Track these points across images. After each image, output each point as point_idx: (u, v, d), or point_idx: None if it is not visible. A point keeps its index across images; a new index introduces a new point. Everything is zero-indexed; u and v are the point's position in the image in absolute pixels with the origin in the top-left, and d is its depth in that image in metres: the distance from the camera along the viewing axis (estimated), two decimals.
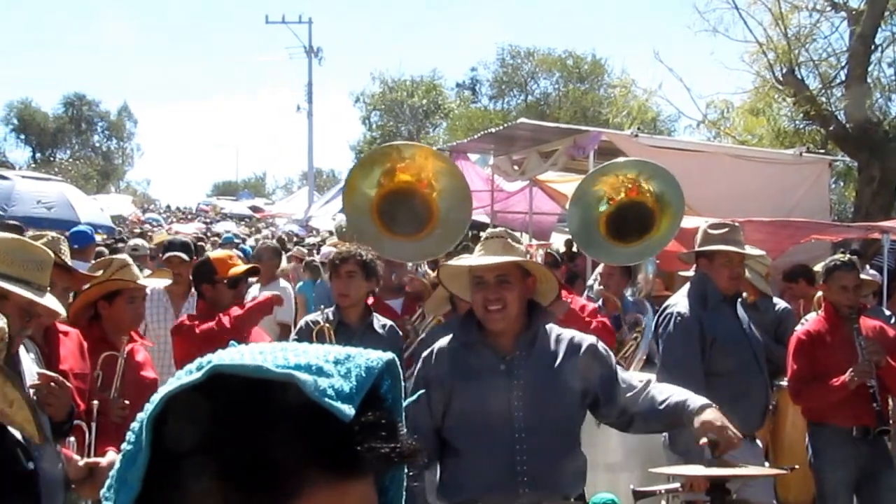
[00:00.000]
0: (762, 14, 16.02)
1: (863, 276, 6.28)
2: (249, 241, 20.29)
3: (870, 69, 15.11)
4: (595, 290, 7.39)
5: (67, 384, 3.58)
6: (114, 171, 63.45)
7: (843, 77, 15.43)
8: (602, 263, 7.35)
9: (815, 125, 15.81)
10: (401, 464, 0.93)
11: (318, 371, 0.88)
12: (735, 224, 5.29)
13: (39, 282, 3.38)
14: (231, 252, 6.77)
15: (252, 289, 7.97)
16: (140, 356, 4.77)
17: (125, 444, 0.93)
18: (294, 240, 22.33)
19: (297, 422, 0.86)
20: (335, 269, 5.22)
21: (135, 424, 0.93)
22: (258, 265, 7.06)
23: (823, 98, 15.38)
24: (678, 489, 3.34)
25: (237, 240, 19.43)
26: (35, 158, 57.37)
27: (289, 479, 0.86)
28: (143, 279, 5.05)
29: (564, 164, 11.67)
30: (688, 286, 5.28)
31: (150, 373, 4.80)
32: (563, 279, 7.73)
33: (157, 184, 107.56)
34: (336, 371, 0.90)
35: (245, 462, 0.85)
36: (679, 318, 5.03)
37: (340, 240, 8.93)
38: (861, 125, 13.82)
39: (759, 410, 5.12)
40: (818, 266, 6.81)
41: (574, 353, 3.58)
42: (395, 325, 5.56)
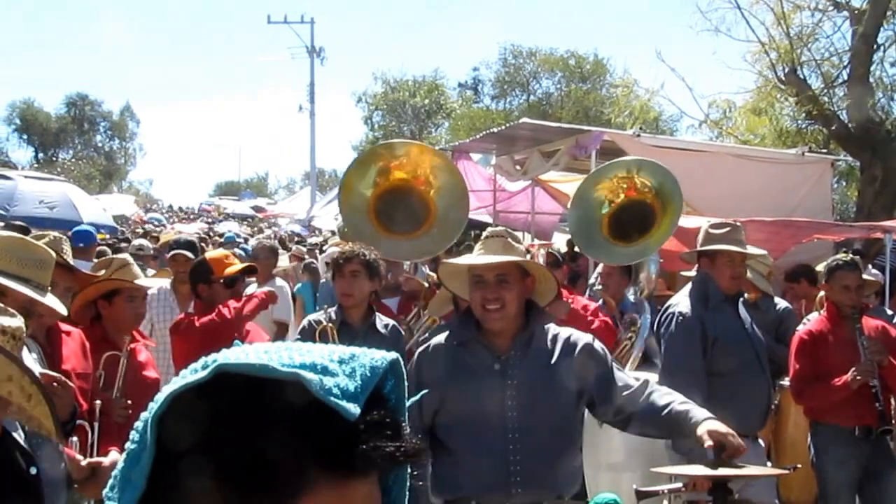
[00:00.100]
0: (764, 14, 16.00)
1: (865, 276, 6.27)
2: (252, 241, 20.26)
3: (872, 69, 15.07)
4: (593, 291, 7.39)
5: (70, 384, 3.58)
6: (116, 171, 63.44)
7: (846, 77, 15.41)
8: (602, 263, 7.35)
9: (818, 125, 15.78)
10: (405, 463, 0.93)
11: (324, 370, 0.89)
12: (737, 224, 5.29)
13: (40, 280, 3.37)
14: (227, 251, 6.75)
15: (249, 288, 7.97)
16: (142, 356, 4.78)
17: (129, 443, 0.94)
18: (296, 240, 22.32)
19: (302, 421, 0.86)
20: (339, 269, 5.19)
21: (139, 423, 0.93)
22: (255, 264, 7.00)
23: (826, 98, 15.36)
24: (681, 489, 3.33)
25: (239, 239, 19.40)
26: (38, 158, 57.37)
27: (294, 478, 0.86)
28: (144, 279, 5.05)
29: (566, 164, 11.67)
30: (689, 286, 5.29)
31: (152, 373, 4.81)
32: (566, 279, 7.72)
33: (160, 184, 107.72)
34: (341, 370, 0.90)
35: (250, 461, 0.85)
36: (681, 318, 5.03)
37: (342, 239, 8.91)
38: (863, 125, 13.80)
39: (761, 410, 5.13)
40: (820, 266, 6.79)
41: (570, 353, 3.57)
42: (398, 325, 5.56)
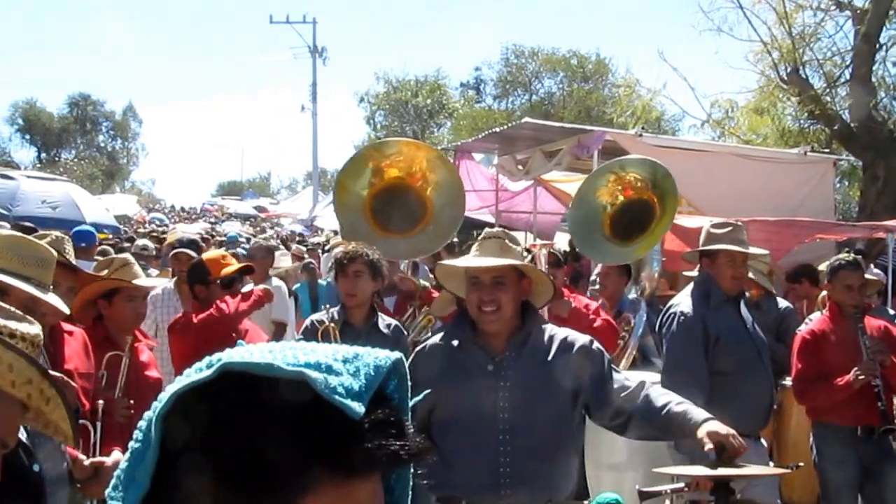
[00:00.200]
0: (767, 13, 16.01)
1: (867, 276, 6.27)
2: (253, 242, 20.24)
3: (874, 68, 15.08)
4: (591, 291, 7.38)
5: (73, 384, 3.58)
6: (119, 171, 63.48)
7: (848, 76, 15.41)
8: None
9: (820, 125, 15.78)
10: (409, 462, 0.93)
11: (328, 369, 0.89)
12: (738, 223, 5.28)
13: (41, 279, 3.34)
14: (224, 252, 6.73)
15: (245, 288, 7.96)
16: (144, 356, 4.78)
17: (133, 442, 0.94)
18: (297, 240, 22.33)
19: (306, 420, 0.87)
20: (342, 269, 5.17)
21: (142, 422, 0.94)
22: (252, 264, 6.97)
23: (828, 97, 15.35)
24: (683, 489, 3.33)
25: (241, 239, 19.41)
26: (40, 158, 57.41)
27: (298, 477, 0.86)
28: (144, 279, 5.04)
29: (569, 164, 11.67)
30: (691, 286, 5.29)
31: (154, 372, 4.81)
32: (568, 279, 7.71)
33: (162, 184, 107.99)
34: (345, 369, 0.90)
35: (254, 460, 0.85)
36: (682, 318, 5.03)
37: (344, 239, 8.91)
38: (866, 124, 13.79)
39: (763, 410, 5.13)
40: (823, 265, 6.79)
41: (565, 353, 3.57)
42: (400, 326, 5.55)
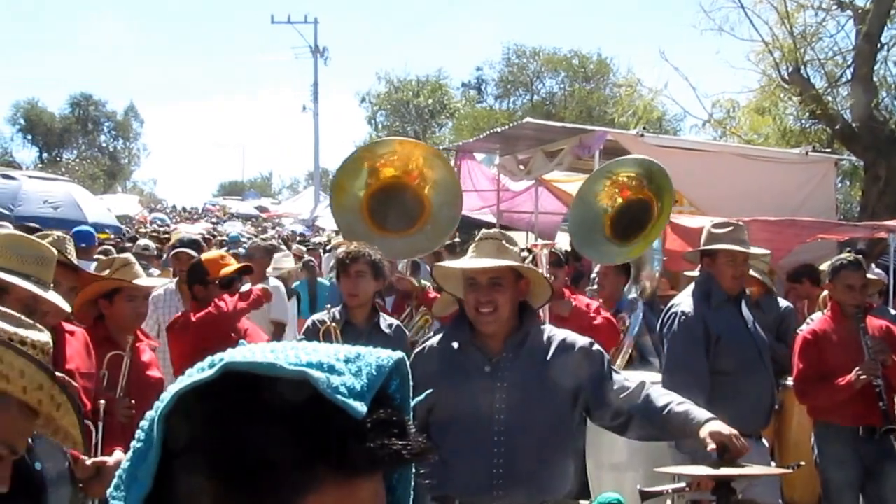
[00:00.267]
0: (768, 13, 16.00)
1: (868, 276, 6.26)
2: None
3: (876, 68, 15.07)
4: (589, 291, 7.36)
5: (74, 384, 3.58)
6: (120, 171, 63.54)
7: (849, 76, 15.40)
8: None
9: (822, 124, 15.77)
10: (411, 462, 0.93)
11: (330, 369, 0.89)
12: (739, 223, 5.27)
13: (42, 276, 3.32)
14: (223, 252, 6.71)
15: (244, 288, 7.96)
16: (146, 356, 4.77)
17: (135, 442, 0.94)
18: (298, 240, 22.33)
19: (309, 420, 0.87)
20: (345, 269, 5.15)
21: (144, 422, 0.94)
22: (250, 264, 6.93)
23: (829, 97, 15.34)
24: (684, 489, 3.33)
25: (243, 239, 19.42)
26: (42, 158, 57.47)
27: (300, 477, 0.86)
28: (145, 279, 5.04)
29: (570, 164, 11.68)
30: (693, 285, 5.29)
31: (156, 372, 4.80)
32: (569, 279, 7.71)
33: (164, 184, 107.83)
34: (347, 369, 0.90)
35: (256, 460, 0.85)
36: (683, 318, 5.03)
37: (346, 239, 8.91)
38: (867, 124, 13.78)
39: (765, 409, 5.12)
40: (824, 265, 6.79)
41: (564, 355, 3.56)
42: (402, 326, 5.55)
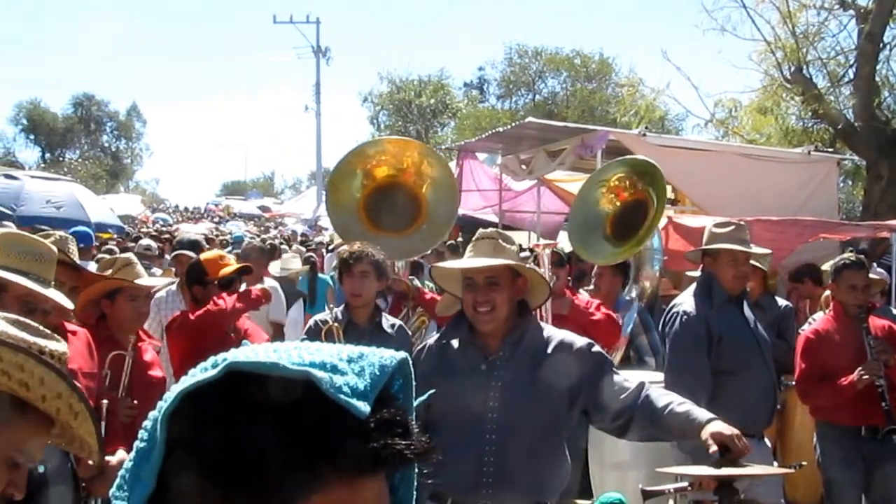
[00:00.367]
0: (770, 12, 16.01)
1: (871, 276, 6.26)
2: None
3: (878, 68, 15.06)
4: (585, 291, 7.36)
5: (77, 384, 3.58)
6: (123, 171, 63.63)
7: (852, 76, 15.39)
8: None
9: (824, 124, 15.76)
10: (414, 461, 0.93)
11: (333, 369, 0.89)
12: (740, 223, 5.26)
13: (40, 273, 3.29)
14: (222, 252, 6.67)
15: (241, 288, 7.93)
16: (148, 356, 4.77)
17: (138, 441, 0.94)
18: (300, 240, 22.34)
19: (312, 419, 0.87)
20: (348, 269, 5.14)
21: (147, 422, 0.94)
22: (249, 264, 6.87)
23: (832, 97, 15.34)
24: (686, 488, 3.33)
25: (246, 238, 19.43)
26: (44, 158, 57.55)
27: (304, 477, 0.86)
28: (147, 279, 5.03)
29: (572, 164, 11.67)
30: (695, 285, 5.28)
31: (158, 372, 4.80)
32: (572, 278, 7.71)
33: (166, 183, 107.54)
34: (350, 369, 0.90)
35: (260, 459, 0.86)
36: (685, 318, 5.02)
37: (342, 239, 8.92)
38: (869, 124, 13.77)
39: (767, 409, 5.11)
40: (826, 265, 6.79)
41: (560, 355, 3.56)
42: (404, 326, 5.55)
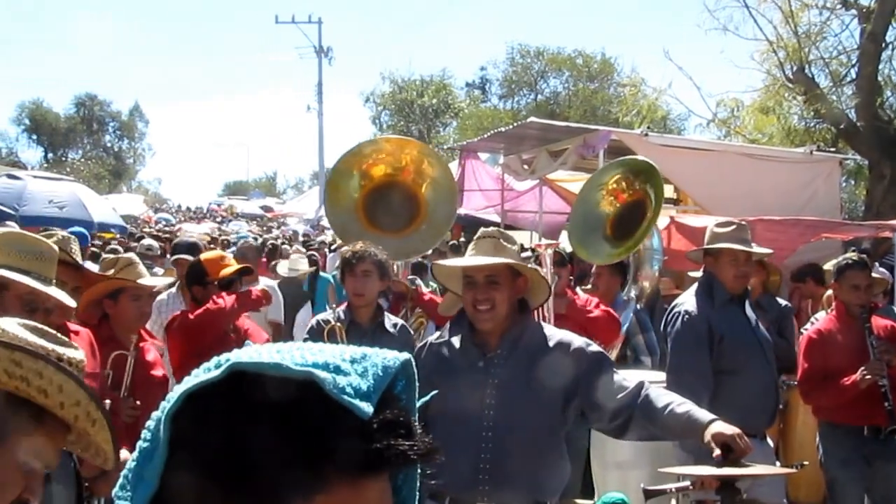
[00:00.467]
0: (772, 12, 15.99)
1: (873, 275, 6.26)
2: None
3: (880, 67, 15.05)
4: (583, 290, 7.37)
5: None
6: (125, 171, 63.66)
7: (854, 75, 15.38)
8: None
9: (826, 123, 15.75)
10: (417, 462, 0.93)
11: (336, 369, 0.89)
12: (742, 223, 5.25)
13: (41, 272, 3.30)
14: (223, 252, 6.65)
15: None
16: (150, 355, 4.78)
17: (141, 441, 0.94)
18: (301, 240, 22.36)
19: (315, 420, 0.87)
20: (350, 269, 5.13)
21: (150, 422, 0.94)
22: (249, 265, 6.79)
23: (834, 96, 15.33)
24: (688, 487, 3.33)
25: (251, 238, 19.46)
26: (47, 158, 57.59)
27: (307, 478, 0.86)
28: (149, 278, 5.03)
29: (574, 164, 11.68)
30: (696, 285, 5.28)
31: (160, 371, 4.81)
32: (574, 278, 7.72)
33: (168, 183, 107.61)
34: (353, 370, 0.90)
35: (263, 460, 0.86)
36: (686, 317, 5.01)
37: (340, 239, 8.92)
38: (871, 123, 13.76)
39: (769, 409, 5.11)
40: (829, 265, 6.79)
41: (558, 355, 3.56)
42: (407, 325, 5.55)
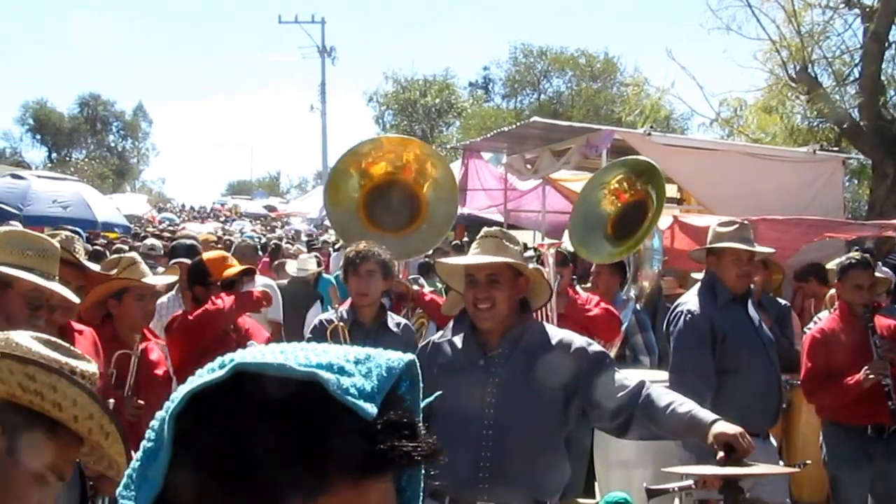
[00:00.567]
0: (775, 11, 15.97)
1: (876, 275, 6.25)
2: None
3: (883, 66, 15.03)
4: (582, 288, 7.37)
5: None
6: (129, 171, 63.70)
7: (857, 74, 15.36)
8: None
9: (829, 123, 15.73)
10: (421, 463, 0.94)
11: (340, 370, 0.89)
12: (744, 222, 5.25)
13: (44, 269, 3.34)
14: (225, 253, 6.63)
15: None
16: (154, 355, 4.78)
17: (146, 441, 0.94)
18: (303, 239, 22.40)
19: (319, 421, 0.87)
20: (354, 268, 5.13)
21: (154, 422, 0.94)
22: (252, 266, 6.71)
23: (837, 96, 15.31)
24: (691, 486, 3.34)
25: (256, 238, 19.51)
26: (51, 158, 57.62)
27: (311, 479, 0.87)
28: (152, 277, 5.03)
29: (577, 163, 11.68)
30: (699, 284, 5.28)
31: (164, 371, 4.82)
32: (577, 277, 7.72)
33: (172, 183, 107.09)
34: (357, 371, 0.91)
35: (267, 461, 0.86)
36: (689, 317, 5.01)
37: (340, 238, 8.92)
38: (875, 123, 13.74)
39: (772, 408, 5.11)
40: (832, 264, 6.78)
41: (558, 354, 3.57)
42: (410, 325, 5.55)
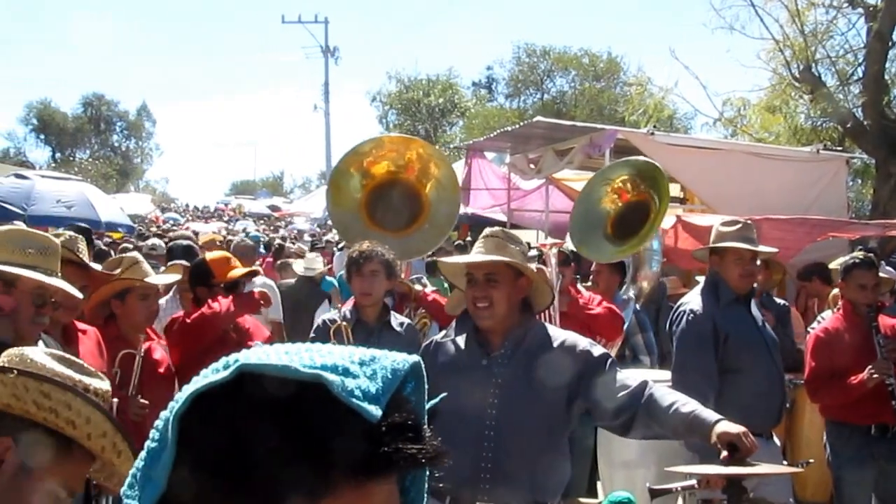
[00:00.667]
0: (779, 11, 15.94)
1: (880, 274, 6.25)
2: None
3: (887, 66, 14.99)
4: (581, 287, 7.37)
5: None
6: (133, 171, 63.82)
7: (861, 74, 15.34)
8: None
9: (832, 122, 15.71)
10: (426, 465, 0.93)
11: (345, 372, 0.89)
12: (747, 221, 5.25)
13: (46, 266, 3.36)
14: (228, 254, 6.63)
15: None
16: (157, 354, 4.79)
17: (149, 441, 0.94)
18: (305, 238, 22.44)
19: (323, 423, 0.87)
20: (358, 268, 5.12)
21: (159, 422, 0.94)
22: (256, 268, 6.68)
23: (840, 95, 15.29)
24: (695, 486, 3.34)
25: (262, 238, 19.57)
26: (55, 158, 57.74)
27: (315, 480, 0.86)
28: (154, 276, 5.03)
29: (580, 163, 11.69)
30: (702, 284, 5.28)
31: (168, 370, 4.83)
32: (579, 277, 7.73)
33: (176, 183, 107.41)
34: (362, 372, 0.90)
35: (271, 462, 0.86)
36: (692, 316, 5.01)
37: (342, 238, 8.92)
38: (878, 122, 13.72)
39: (775, 408, 5.10)
40: (835, 264, 6.78)
41: (560, 355, 3.57)
42: (413, 324, 5.55)
